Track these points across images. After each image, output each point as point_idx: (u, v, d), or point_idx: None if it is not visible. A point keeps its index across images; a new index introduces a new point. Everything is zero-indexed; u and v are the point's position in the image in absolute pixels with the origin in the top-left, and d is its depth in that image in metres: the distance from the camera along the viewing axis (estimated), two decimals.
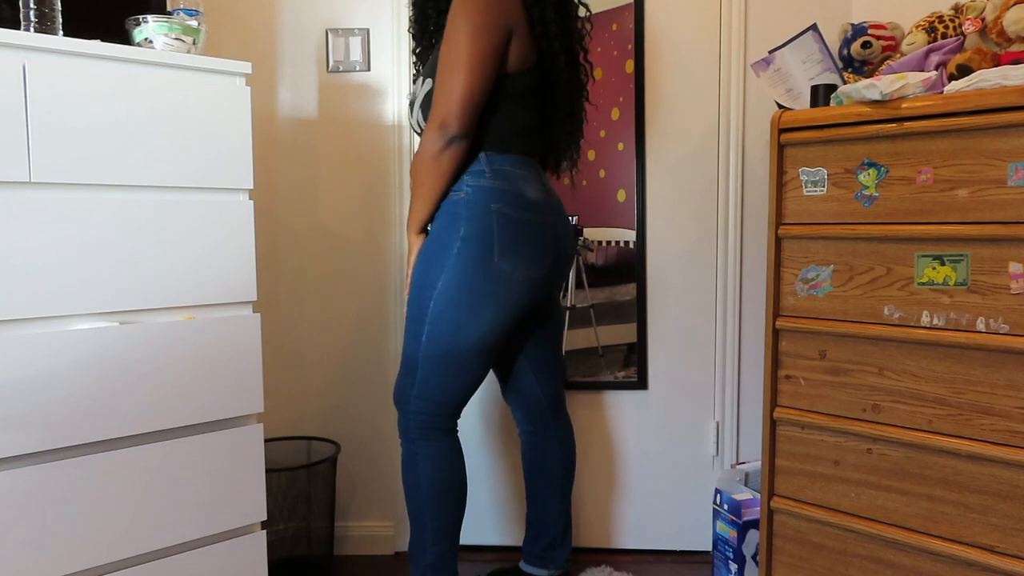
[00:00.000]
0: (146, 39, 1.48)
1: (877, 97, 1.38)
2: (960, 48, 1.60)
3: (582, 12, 1.62)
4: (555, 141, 1.66)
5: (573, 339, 2.11)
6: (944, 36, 1.63)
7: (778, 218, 1.55)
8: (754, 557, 1.82)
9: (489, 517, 2.18)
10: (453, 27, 1.43)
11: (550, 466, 1.76)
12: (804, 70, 1.63)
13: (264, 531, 1.61)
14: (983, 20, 1.59)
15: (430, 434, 1.56)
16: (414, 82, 1.64)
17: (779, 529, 1.61)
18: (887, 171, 1.41)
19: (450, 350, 1.49)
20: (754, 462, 1.98)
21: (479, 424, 2.16)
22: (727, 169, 2.04)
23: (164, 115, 1.44)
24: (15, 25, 1.35)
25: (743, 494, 1.84)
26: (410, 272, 1.56)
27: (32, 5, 1.35)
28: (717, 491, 1.90)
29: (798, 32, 1.63)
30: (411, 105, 1.62)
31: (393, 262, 2.12)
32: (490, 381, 2.09)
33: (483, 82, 1.44)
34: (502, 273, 1.47)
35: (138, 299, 1.43)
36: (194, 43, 1.51)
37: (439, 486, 1.57)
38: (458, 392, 1.54)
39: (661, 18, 2.02)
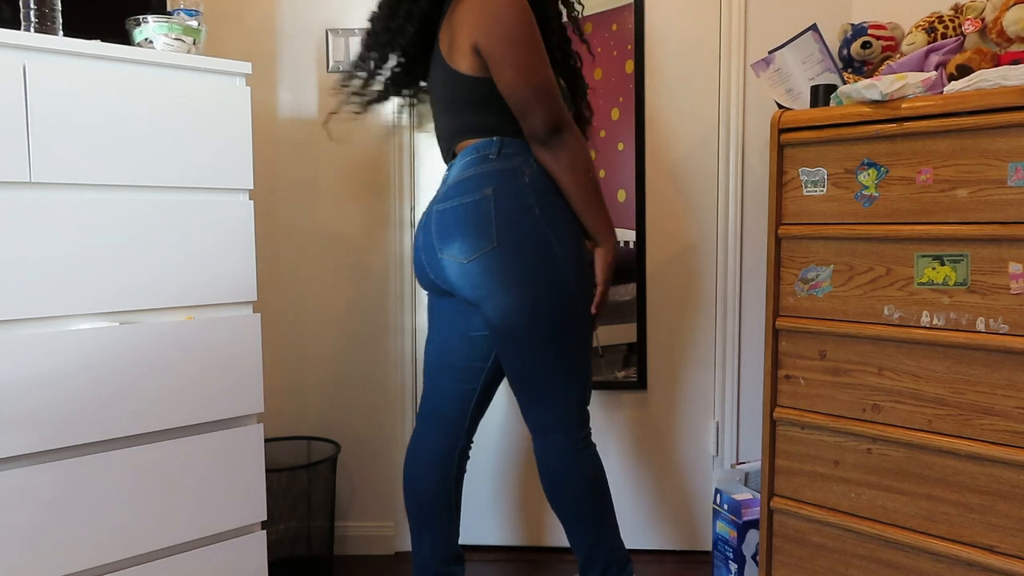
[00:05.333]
0: (146, 39, 1.48)
1: (877, 97, 1.38)
2: (960, 48, 1.60)
3: None
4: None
5: None
6: (944, 36, 1.63)
7: (778, 218, 1.55)
8: (754, 557, 1.82)
9: (492, 517, 2.19)
10: None
11: None
12: (804, 70, 1.63)
13: (264, 531, 1.61)
14: (983, 20, 1.59)
15: None
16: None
17: (779, 529, 1.61)
18: (887, 171, 1.41)
19: None
20: (754, 462, 1.98)
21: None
22: (727, 169, 2.04)
23: (164, 115, 1.44)
24: (15, 25, 1.35)
25: (743, 494, 1.84)
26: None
27: (32, 5, 1.35)
28: (717, 491, 1.90)
29: (798, 32, 1.63)
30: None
31: (393, 262, 2.12)
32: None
33: None
34: None
35: (138, 299, 1.43)
36: (194, 43, 1.51)
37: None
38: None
39: (661, 18, 2.02)
